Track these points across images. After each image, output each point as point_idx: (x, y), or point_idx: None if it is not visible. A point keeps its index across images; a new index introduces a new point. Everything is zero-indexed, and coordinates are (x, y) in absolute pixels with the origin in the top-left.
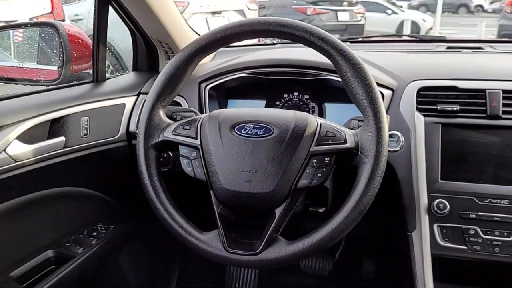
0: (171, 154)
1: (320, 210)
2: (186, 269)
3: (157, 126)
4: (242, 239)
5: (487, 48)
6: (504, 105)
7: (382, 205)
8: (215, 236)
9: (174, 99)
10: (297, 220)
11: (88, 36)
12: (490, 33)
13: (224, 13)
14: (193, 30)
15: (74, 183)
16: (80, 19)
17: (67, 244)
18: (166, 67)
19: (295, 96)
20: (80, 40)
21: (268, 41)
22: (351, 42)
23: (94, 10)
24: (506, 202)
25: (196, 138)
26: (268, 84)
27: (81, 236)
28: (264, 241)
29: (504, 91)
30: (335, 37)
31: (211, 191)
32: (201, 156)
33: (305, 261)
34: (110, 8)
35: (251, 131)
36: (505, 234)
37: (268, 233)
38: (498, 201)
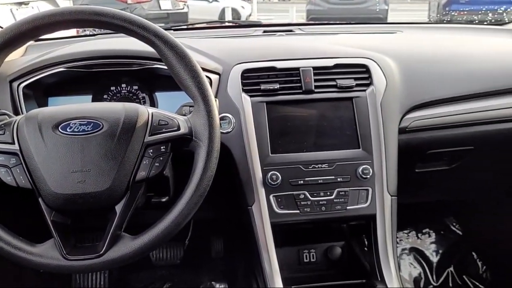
0: None
1: (163, 200)
2: None
3: None
4: (85, 243)
5: (298, 31)
6: (316, 80)
7: (223, 184)
8: (51, 246)
9: None
10: (141, 213)
11: None
12: (300, 17)
13: (33, 3)
14: None
15: None
16: None
17: None
18: None
19: (124, 88)
20: None
21: (88, 32)
22: (174, 30)
23: None
24: (326, 165)
25: (13, 143)
26: (92, 77)
27: None
28: (107, 240)
29: (314, 68)
30: (156, 25)
31: (40, 199)
32: (22, 162)
33: (155, 253)
34: None
35: (77, 128)
36: (328, 193)
37: (111, 231)
38: (320, 165)
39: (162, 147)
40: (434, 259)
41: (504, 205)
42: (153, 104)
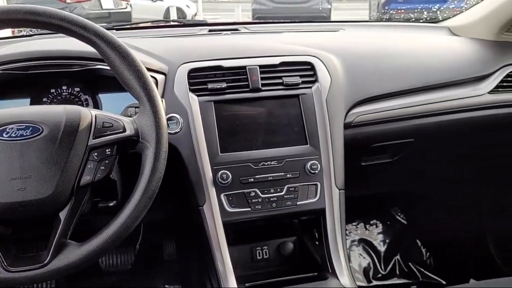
0: None
1: (111, 204)
2: None
3: None
4: (28, 253)
5: (243, 30)
6: (262, 78)
7: (173, 185)
8: None
9: None
10: (88, 219)
11: None
12: (246, 16)
13: None
14: None
15: None
16: None
17: None
18: None
19: (64, 90)
20: None
21: (25, 32)
22: (117, 29)
23: None
24: (275, 162)
25: None
26: (30, 80)
27: None
28: (52, 249)
29: (261, 66)
30: (96, 25)
31: None
32: None
33: (104, 259)
34: None
35: (15, 133)
36: (278, 190)
37: (55, 239)
38: (269, 163)
39: (107, 150)
40: (382, 248)
41: (443, 194)
42: (96, 106)
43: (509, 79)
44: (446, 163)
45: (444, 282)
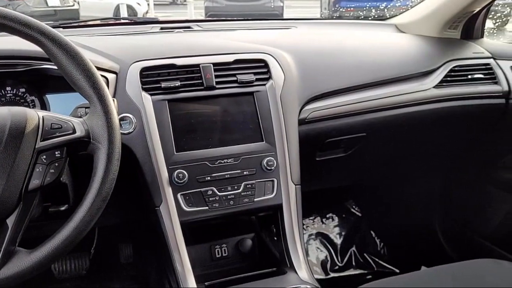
0: None
1: (62, 208)
2: None
3: None
4: None
5: (196, 28)
6: (216, 76)
7: (127, 187)
8: None
9: None
10: (39, 225)
11: None
12: (199, 14)
13: None
14: None
15: None
16: None
17: None
18: None
19: (9, 91)
20: None
21: None
22: (64, 27)
23: None
24: (232, 160)
25: None
26: None
27: None
28: (0, 257)
29: (215, 64)
30: (42, 23)
31: None
32: None
33: (58, 266)
34: None
35: None
36: (235, 187)
37: (3, 247)
38: (225, 160)
39: (56, 153)
40: (338, 241)
41: (394, 187)
42: (44, 107)
43: (452, 74)
44: (396, 156)
45: (397, 271)
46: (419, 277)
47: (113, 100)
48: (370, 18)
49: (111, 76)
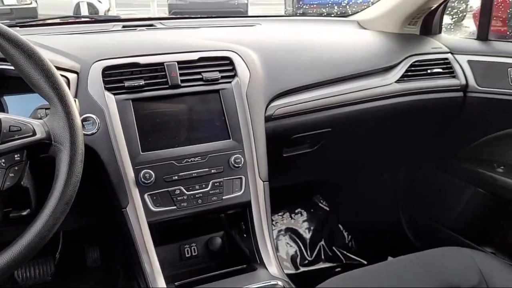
0: None
1: (24, 213)
2: None
3: None
4: None
5: (159, 25)
6: (181, 74)
7: (92, 189)
8: None
9: None
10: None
11: None
12: (162, 12)
13: None
14: None
15: None
16: None
17: None
18: None
19: None
20: None
21: None
22: (21, 26)
23: None
24: (199, 158)
25: None
26: None
27: None
28: None
29: (179, 62)
30: None
31: None
32: None
33: (21, 272)
34: None
35: None
36: (203, 186)
37: None
38: (192, 159)
39: (16, 156)
40: (307, 235)
41: (360, 180)
42: (1, 109)
43: (412, 68)
44: (361, 150)
45: (365, 262)
46: (385, 267)
47: (75, 100)
48: (333, 15)
49: (72, 76)
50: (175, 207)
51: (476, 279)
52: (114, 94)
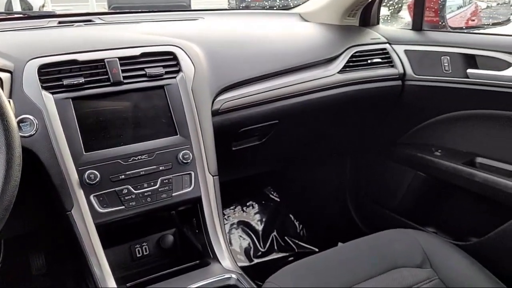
0: None
1: None
2: None
3: None
4: None
5: (98, 21)
6: (123, 71)
7: (33, 193)
8: None
9: None
10: None
11: None
12: (101, 7)
13: None
14: None
15: None
16: None
17: None
18: None
19: None
20: None
21: None
22: None
23: None
24: (146, 156)
25: None
26: None
27: None
28: None
29: (120, 58)
30: None
31: None
32: None
33: None
34: None
35: None
36: (152, 183)
37: None
38: (139, 157)
39: None
40: (260, 227)
41: (309, 169)
42: None
43: (354, 59)
44: (308, 140)
45: (316, 250)
46: (336, 252)
47: (9, 101)
48: (275, 8)
49: (5, 76)
50: (123, 207)
51: (420, 258)
52: (53, 93)
